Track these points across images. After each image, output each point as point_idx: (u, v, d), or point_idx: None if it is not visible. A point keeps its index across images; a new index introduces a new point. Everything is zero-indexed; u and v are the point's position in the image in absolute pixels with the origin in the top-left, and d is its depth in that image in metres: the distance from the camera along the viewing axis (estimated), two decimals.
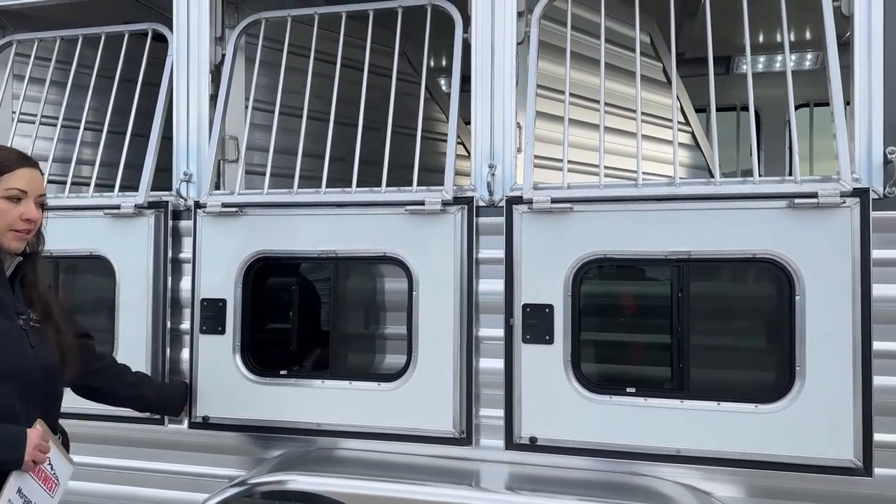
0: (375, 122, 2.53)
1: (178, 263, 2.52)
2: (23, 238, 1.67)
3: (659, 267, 2.13)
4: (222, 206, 2.41)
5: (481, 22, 2.32)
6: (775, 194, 2.02)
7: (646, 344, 2.23)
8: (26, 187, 1.66)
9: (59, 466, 1.63)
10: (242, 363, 2.41)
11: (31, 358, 1.64)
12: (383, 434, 2.30)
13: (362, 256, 2.36)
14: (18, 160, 1.69)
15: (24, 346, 1.64)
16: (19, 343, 1.63)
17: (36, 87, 2.88)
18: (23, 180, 1.66)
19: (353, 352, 2.47)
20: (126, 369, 2.21)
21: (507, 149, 2.29)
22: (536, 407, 2.16)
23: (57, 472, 1.62)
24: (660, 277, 2.16)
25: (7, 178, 1.64)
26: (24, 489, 1.57)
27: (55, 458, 1.62)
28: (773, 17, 3.66)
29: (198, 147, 2.54)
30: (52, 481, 1.62)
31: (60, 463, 1.64)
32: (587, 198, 2.13)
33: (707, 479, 2.08)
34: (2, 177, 1.64)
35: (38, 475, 1.58)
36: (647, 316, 2.24)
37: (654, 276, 2.19)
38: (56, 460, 1.62)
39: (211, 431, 2.45)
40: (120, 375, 2.17)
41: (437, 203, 2.25)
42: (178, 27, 2.60)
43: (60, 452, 1.65)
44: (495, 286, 2.25)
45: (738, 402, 2.03)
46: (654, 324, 2.20)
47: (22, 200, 1.65)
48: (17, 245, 1.67)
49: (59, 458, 1.64)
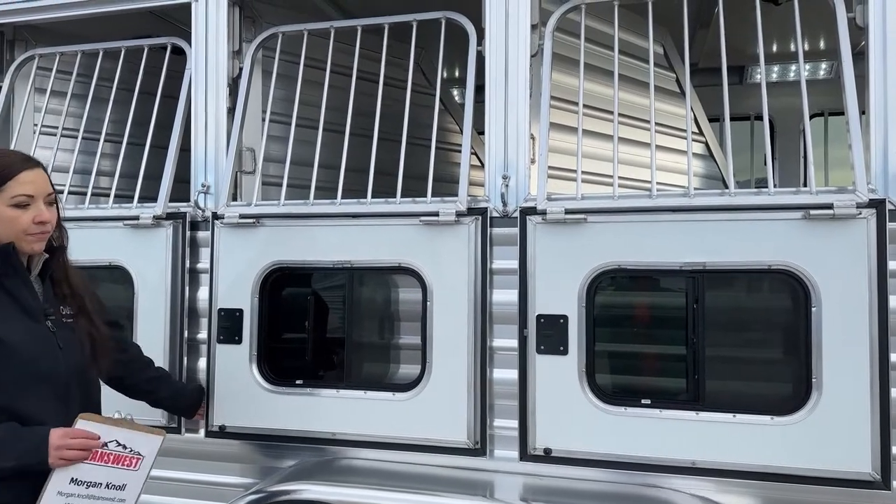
0: (389, 133, 2.55)
1: (195, 273, 2.55)
2: (41, 238, 1.69)
3: (674, 278, 2.13)
4: (240, 216, 2.44)
5: (495, 34, 2.34)
6: (791, 205, 2.02)
7: (661, 355, 2.23)
8: (32, 191, 1.65)
9: (133, 442, 1.68)
10: (258, 372, 2.43)
11: (61, 360, 1.67)
12: (398, 444, 2.31)
13: (377, 267, 2.38)
14: (19, 164, 1.67)
15: (53, 349, 1.67)
16: (48, 346, 1.66)
17: (57, 99, 2.94)
18: (27, 185, 1.65)
19: (367, 361, 2.48)
20: (149, 363, 2.26)
21: (520, 160, 2.31)
22: (551, 418, 2.16)
23: (134, 447, 1.68)
24: (674, 288, 2.16)
25: (10, 186, 1.63)
26: (81, 476, 1.63)
27: (125, 436, 1.67)
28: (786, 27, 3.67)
29: (216, 159, 2.58)
30: (129, 458, 1.68)
31: (135, 437, 1.69)
32: (601, 209, 2.14)
33: (722, 491, 2.07)
34: (5, 185, 1.63)
35: (100, 459, 1.64)
36: (661, 327, 2.24)
37: (669, 287, 2.19)
38: (127, 437, 1.67)
39: (227, 440, 2.47)
40: (143, 368, 2.22)
41: (451, 214, 2.26)
42: (197, 41, 2.64)
43: (132, 429, 1.70)
44: (509, 297, 2.26)
45: (754, 413, 2.02)
46: (669, 335, 2.20)
47: (30, 205, 1.65)
48: (39, 246, 1.69)
49: (132, 433, 1.69)
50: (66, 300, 1.75)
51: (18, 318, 1.63)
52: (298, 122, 2.55)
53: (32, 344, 1.63)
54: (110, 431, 1.65)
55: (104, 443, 1.64)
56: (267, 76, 2.70)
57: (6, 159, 1.67)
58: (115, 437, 1.66)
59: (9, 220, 1.63)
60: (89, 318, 1.77)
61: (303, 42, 2.58)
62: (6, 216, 1.63)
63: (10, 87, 2.95)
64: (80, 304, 1.77)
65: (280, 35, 2.62)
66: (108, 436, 1.65)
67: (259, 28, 2.76)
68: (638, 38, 2.90)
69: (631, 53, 2.87)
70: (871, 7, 2.08)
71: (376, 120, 2.46)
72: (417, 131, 2.62)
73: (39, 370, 1.63)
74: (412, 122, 2.45)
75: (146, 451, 1.73)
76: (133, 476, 1.71)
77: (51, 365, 1.65)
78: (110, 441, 1.66)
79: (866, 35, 2.10)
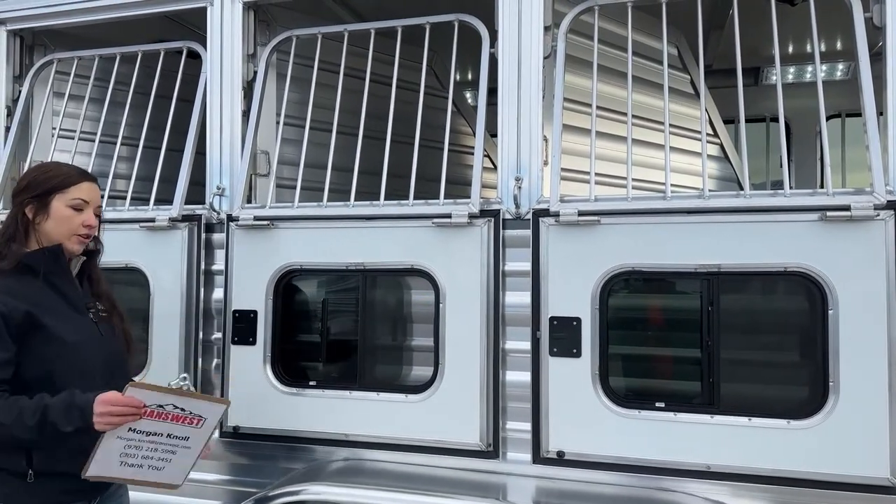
0: (401, 135, 2.56)
1: (210, 275, 2.57)
2: (82, 242, 1.88)
3: (688, 280, 2.11)
4: (254, 219, 2.46)
5: (508, 37, 2.34)
6: (807, 207, 2.00)
7: (675, 358, 2.21)
8: (88, 198, 1.88)
9: (192, 406, 1.72)
10: (272, 374, 2.44)
11: (104, 346, 1.85)
12: (410, 446, 2.31)
13: (390, 269, 2.39)
14: (81, 175, 1.90)
15: (97, 337, 1.84)
16: (93, 334, 1.84)
17: (75, 103, 2.98)
18: (85, 192, 1.87)
19: (380, 363, 2.49)
20: None
21: (533, 162, 2.30)
22: (564, 421, 2.15)
23: (194, 411, 1.72)
24: (689, 291, 2.15)
25: (72, 189, 1.85)
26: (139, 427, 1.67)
27: (181, 402, 1.71)
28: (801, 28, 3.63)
29: (230, 161, 2.60)
30: (190, 419, 1.73)
31: (194, 403, 1.73)
32: (615, 210, 2.13)
33: (737, 495, 2.05)
34: (68, 188, 1.85)
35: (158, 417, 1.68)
36: (676, 329, 2.22)
37: (684, 290, 2.17)
38: (184, 402, 1.71)
39: (239, 441, 2.48)
40: None
41: (463, 216, 2.26)
42: (212, 45, 2.67)
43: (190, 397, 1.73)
44: (522, 299, 2.26)
45: (769, 417, 2.00)
46: (684, 337, 2.19)
47: (83, 210, 1.86)
48: (78, 248, 1.88)
49: (189, 400, 1.72)
50: (101, 299, 1.94)
51: (65, 312, 1.80)
52: (312, 125, 2.57)
53: (79, 333, 1.79)
54: (162, 398, 1.68)
55: (159, 405, 1.68)
56: (280, 79, 2.72)
57: (73, 169, 1.93)
58: (170, 401, 1.70)
59: (65, 218, 1.83)
60: (121, 317, 1.97)
61: (316, 45, 2.60)
62: (63, 214, 1.83)
63: (30, 91, 2.99)
64: (112, 304, 1.96)
65: (294, 38, 2.63)
66: (158, 400, 1.68)
67: (273, 32, 2.77)
68: (651, 40, 2.89)
69: (644, 55, 2.86)
70: (889, 7, 2.06)
71: (389, 122, 2.47)
72: (430, 133, 2.63)
73: (86, 356, 1.78)
74: (424, 125, 2.46)
75: (208, 414, 1.76)
76: (196, 431, 1.76)
77: (95, 351, 1.81)
78: (166, 404, 1.69)
79: (884, 35, 2.08)
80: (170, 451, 1.75)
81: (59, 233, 1.83)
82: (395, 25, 2.54)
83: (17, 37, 3.03)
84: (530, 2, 2.32)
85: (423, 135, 2.45)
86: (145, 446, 1.71)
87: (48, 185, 1.83)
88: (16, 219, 1.82)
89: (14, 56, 3.02)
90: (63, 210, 1.83)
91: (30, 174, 1.89)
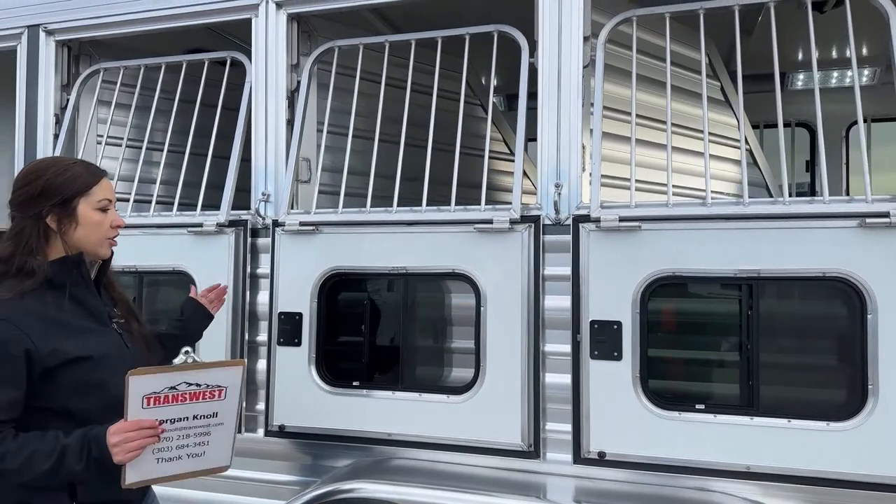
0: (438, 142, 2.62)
1: (255, 278, 2.65)
2: (113, 244, 1.76)
3: (728, 285, 2.16)
4: (300, 224, 2.53)
5: (548, 46, 2.40)
6: (845, 213, 2.04)
7: (714, 361, 2.26)
8: (111, 196, 1.73)
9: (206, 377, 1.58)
10: (317, 374, 2.51)
11: (131, 359, 1.71)
12: (451, 445, 2.37)
13: (431, 272, 2.45)
14: (96, 172, 1.73)
15: (124, 349, 1.73)
16: (120, 349, 1.72)
17: (120, 112, 3.07)
18: (107, 190, 1.72)
19: (422, 364, 2.55)
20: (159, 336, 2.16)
21: (572, 168, 2.36)
22: (605, 422, 2.20)
23: (209, 382, 1.58)
24: (729, 295, 2.19)
25: (95, 190, 1.69)
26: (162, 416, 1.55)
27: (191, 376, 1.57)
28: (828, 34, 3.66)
29: (275, 168, 2.68)
30: (209, 392, 1.58)
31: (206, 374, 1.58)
32: (655, 216, 2.18)
33: (776, 496, 2.09)
34: (91, 189, 1.68)
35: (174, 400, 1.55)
36: (715, 333, 2.27)
37: (723, 294, 2.22)
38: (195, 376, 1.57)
39: (284, 440, 2.55)
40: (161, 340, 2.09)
41: (505, 221, 2.32)
42: (257, 55, 2.75)
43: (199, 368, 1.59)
44: (561, 302, 2.31)
45: (809, 419, 2.04)
46: (723, 341, 2.23)
47: (109, 209, 1.72)
48: (108, 251, 1.76)
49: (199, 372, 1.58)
50: (116, 304, 1.81)
51: (91, 327, 1.68)
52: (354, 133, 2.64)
53: (109, 348, 1.68)
54: (171, 378, 1.54)
55: (170, 387, 1.54)
56: (322, 89, 2.79)
57: (84, 166, 1.73)
58: (179, 380, 1.55)
59: (96, 223, 1.69)
60: (137, 320, 1.82)
61: (358, 55, 2.67)
62: (93, 220, 1.68)
63: (77, 100, 3.09)
64: (127, 307, 1.83)
65: (336, 49, 2.71)
66: (168, 382, 1.54)
67: (314, 42, 2.85)
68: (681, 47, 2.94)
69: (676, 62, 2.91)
70: None
71: (430, 130, 2.53)
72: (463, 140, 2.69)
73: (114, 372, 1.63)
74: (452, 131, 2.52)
75: (227, 381, 1.61)
76: (222, 403, 1.62)
77: (125, 363, 1.64)
78: (177, 384, 1.55)
79: None
80: (203, 433, 1.62)
81: (93, 240, 1.69)
82: (434, 36, 2.61)
83: (65, 47, 3.13)
84: (570, 13, 2.38)
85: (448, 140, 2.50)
86: (175, 436, 1.58)
87: (70, 190, 1.65)
88: (36, 230, 1.64)
89: (62, 66, 3.12)
90: (92, 215, 1.67)
91: (40, 178, 1.66)
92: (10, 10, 3.13)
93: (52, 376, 1.58)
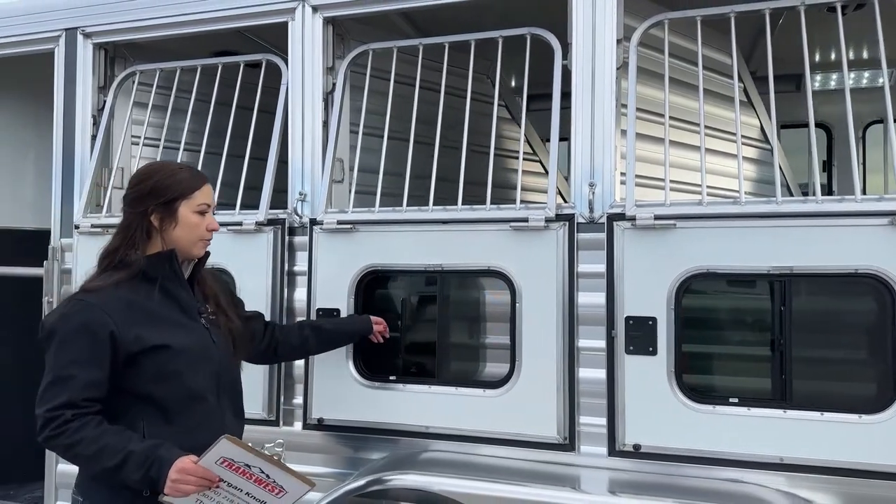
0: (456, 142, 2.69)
1: (292, 276, 2.72)
2: (207, 245, 1.93)
3: (761, 281, 2.21)
4: (337, 223, 2.60)
5: (581, 49, 2.46)
6: (877, 212, 2.10)
7: (748, 356, 2.31)
8: (210, 201, 1.92)
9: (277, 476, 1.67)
10: (355, 368, 2.58)
11: (217, 352, 1.87)
12: (487, 438, 2.43)
13: (467, 270, 2.51)
14: (200, 177, 1.92)
15: (210, 343, 1.86)
16: (206, 341, 1.86)
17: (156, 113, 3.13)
18: (207, 195, 1.91)
19: (457, 359, 2.61)
20: (292, 329, 2.38)
21: (606, 168, 2.42)
22: (640, 415, 2.26)
23: (277, 481, 1.67)
24: (762, 291, 2.25)
25: (197, 194, 1.87)
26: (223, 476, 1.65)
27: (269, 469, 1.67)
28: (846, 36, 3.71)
29: (312, 169, 2.74)
30: (272, 486, 1.68)
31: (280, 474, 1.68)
32: (690, 214, 2.24)
33: (809, 487, 2.14)
34: (193, 194, 1.87)
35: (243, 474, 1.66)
36: (749, 329, 2.32)
37: (757, 291, 2.27)
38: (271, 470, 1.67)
39: (321, 432, 2.62)
40: (287, 337, 2.33)
41: (540, 220, 2.38)
42: (293, 58, 2.81)
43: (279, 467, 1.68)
44: (595, 299, 2.37)
45: (841, 412, 2.10)
46: (757, 336, 2.29)
47: (206, 213, 1.90)
48: (202, 252, 1.93)
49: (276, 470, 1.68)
50: (208, 300, 1.95)
51: (178, 319, 1.82)
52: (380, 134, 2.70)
53: (193, 341, 1.82)
54: (253, 459, 1.66)
55: (248, 464, 1.66)
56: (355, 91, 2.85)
57: (191, 172, 1.93)
58: (258, 464, 1.66)
59: (193, 225, 1.86)
60: (227, 316, 1.97)
61: (392, 58, 2.73)
62: (191, 221, 1.86)
63: (113, 102, 3.15)
64: (218, 303, 1.97)
65: (370, 52, 2.77)
66: (248, 460, 1.66)
67: (347, 45, 2.91)
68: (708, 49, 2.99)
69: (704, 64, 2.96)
70: None
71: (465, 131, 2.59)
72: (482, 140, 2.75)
73: (199, 363, 1.81)
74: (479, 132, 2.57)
75: (291, 489, 1.71)
76: (273, 499, 1.71)
77: (210, 358, 1.84)
78: (254, 466, 1.67)
79: None
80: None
81: (188, 239, 1.85)
82: (468, 39, 2.67)
83: (102, 49, 3.19)
84: (603, 16, 2.44)
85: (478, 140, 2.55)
86: (223, 495, 1.68)
87: (175, 192, 1.83)
88: (141, 226, 1.81)
89: (99, 68, 3.18)
90: (191, 217, 1.84)
91: (150, 179, 1.85)
92: (49, 14, 3.20)
93: (135, 362, 1.72)
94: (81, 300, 1.74)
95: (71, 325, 1.70)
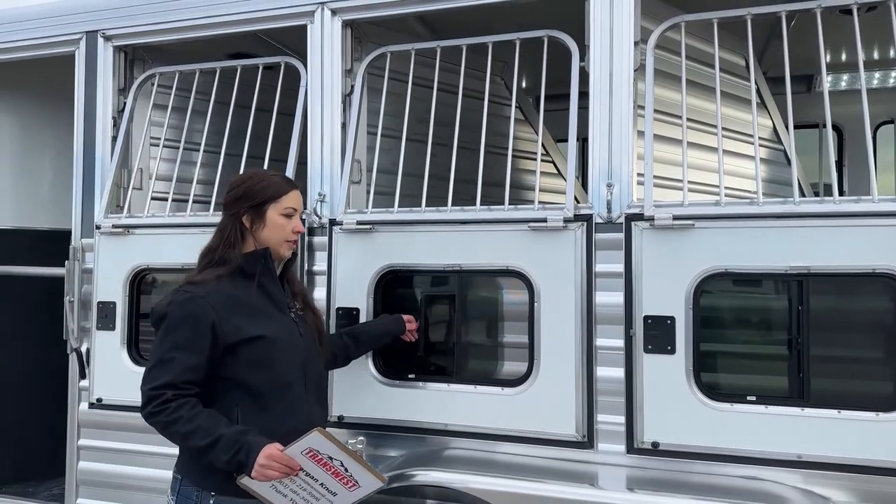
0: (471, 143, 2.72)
1: (311, 275, 2.75)
2: (292, 247, 2.10)
3: (779, 281, 2.24)
4: (357, 223, 2.63)
5: (599, 51, 2.49)
6: (893, 212, 2.12)
7: (766, 354, 2.33)
8: (296, 206, 2.08)
9: (355, 471, 1.81)
10: (374, 366, 2.61)
11: (303, 344, 2.04)
12: (506, 436, 2.46)
13: (485, 269, 2.54)
14: (289, 184, 2.10)
15: (297, 336, 2.04)
16: (294, 334, 2.03)
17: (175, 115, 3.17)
18: (294, 200, 2.08)
19: (475, 358, 2.64)
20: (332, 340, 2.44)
21: (623, 168, 2.44)
22: (658, 413, 2.29)
23: (354, 475, 1.81)
24: (780, 291, 2.27)
25: (284, 199, 2.05)
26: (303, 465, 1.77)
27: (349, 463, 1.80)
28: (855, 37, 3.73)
29: (331, 170, 2.78)
30: (347, 479, 1.81)
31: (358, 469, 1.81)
32: (708, 215, 2.26)
33: (826, 484, 2.16)
34: (281, 198, 2.04)
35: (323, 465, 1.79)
36: (766, 328, 2.34)
37: (774, 290, 2.30)
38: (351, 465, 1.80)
39: (343, 430, 2.64)
40: (335, 341, 2.42)
41: (559, 220, 2.41)
42: (312, 61, 2.84)
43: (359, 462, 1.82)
44: (612, 298, 2.40)
45: (858, 410, 2.12)
46: (774, 335, 2.31)
47: (293, 217, 2.06)
48: (288, 253, 2.10)
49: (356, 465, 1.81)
50: (297, 297, 2.13)
51: (271, 312, 2.00)
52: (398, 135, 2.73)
53: (284, 332, 1.99)
54: (337, 452, 1.79)
55: (330, 457, 1.79)
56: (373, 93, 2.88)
57: (281, 178, 2.13)
58: (340, 458, 1.79)
59: (279, 226, 2.04)
60: (314, 312, 2.17)
61: (410, 60, 2.76)
62: (278, 223, 2.04)
63: (133, 104, 3.19)
64: (305, 301, 2.17)
65: (389, 54, 2.80)
66: (332, 453, 1.79)
67: (365, 47, 2.95)
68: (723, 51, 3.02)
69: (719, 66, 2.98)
70: None
71: (483, 132, 2.62)
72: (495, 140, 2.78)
73: (288, 353, 1.98)
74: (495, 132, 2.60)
75: (364, 483, 1.85)
76: (345, 492, 1.84)
77: (296, 348, 2.01)
78: (335, 458, 1.79)
79: None
80: (316, 496, 1.84)
81: (274, 240, 2.03)
82: (486, 41, 2.70)
83: (122, 52, 3.23)
84: (621, 18, 2.46)
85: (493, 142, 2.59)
86: (299, 482, 1.80)
87: (264, 196, 2.02)
88: (235, 227, 2.01)
89: (119, 70, 3.22)
90: (277, 219, 2.02)
91: (243, 184, 2.05)
92: (70, 17, 3.24)
93: (233, 351, 1.89)
94: (188, 291, 1.91)
95: (178, 313, 1.87)
